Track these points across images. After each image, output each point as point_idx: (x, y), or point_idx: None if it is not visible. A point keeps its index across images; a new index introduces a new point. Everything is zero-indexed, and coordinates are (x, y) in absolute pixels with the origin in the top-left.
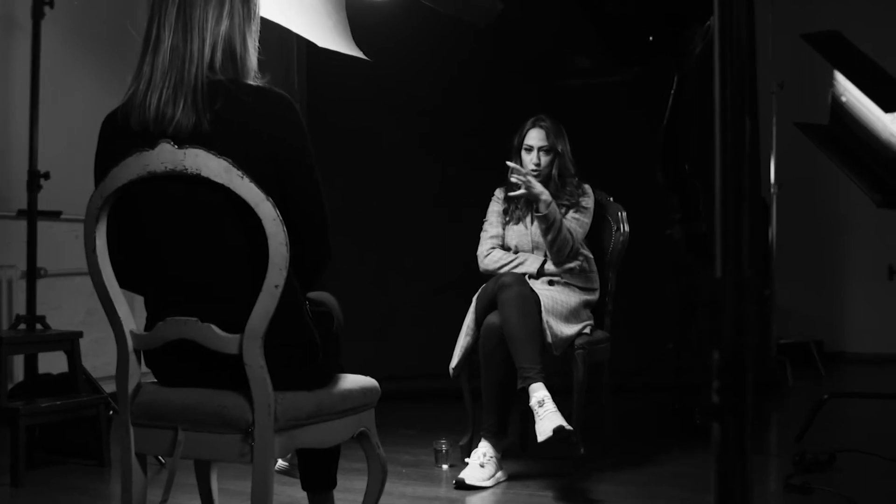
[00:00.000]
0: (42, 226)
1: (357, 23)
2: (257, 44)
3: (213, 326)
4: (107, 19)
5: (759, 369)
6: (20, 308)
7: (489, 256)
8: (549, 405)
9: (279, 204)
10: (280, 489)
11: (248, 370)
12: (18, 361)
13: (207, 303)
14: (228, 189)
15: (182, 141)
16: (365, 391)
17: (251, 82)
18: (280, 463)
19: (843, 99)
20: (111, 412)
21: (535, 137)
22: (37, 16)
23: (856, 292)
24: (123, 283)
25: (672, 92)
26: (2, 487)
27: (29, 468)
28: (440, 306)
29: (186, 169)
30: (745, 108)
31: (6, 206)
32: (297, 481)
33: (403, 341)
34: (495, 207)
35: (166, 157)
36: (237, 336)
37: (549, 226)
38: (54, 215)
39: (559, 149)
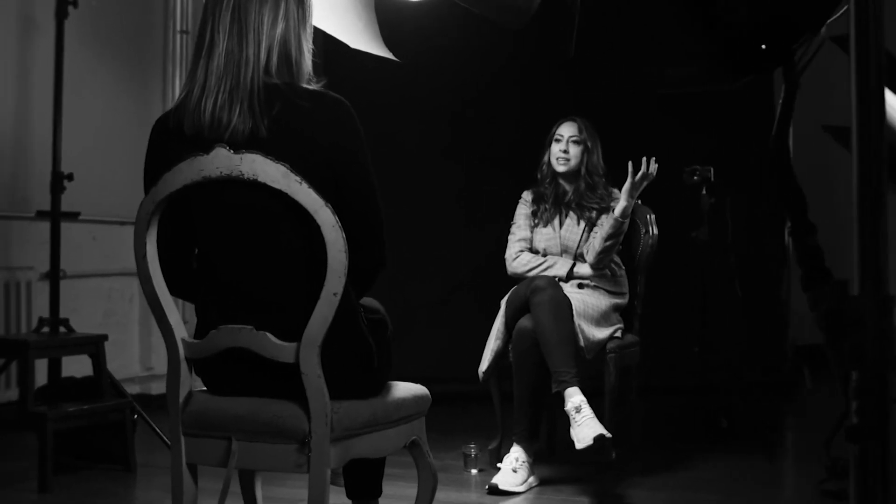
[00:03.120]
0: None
1: (386, 24)
2: (311, 46)
3: (269, 335)
4: (124, 21)
5: (774, 372)
6: (39, 310)
7: (517, 259)
8: (587, 411)
9: (336, 210)
10: None
11: (304, 379)
12: (41, 364)
13: (261, 310)
14: (285, 195)
15: (238, 146)
16: (417, 400)
17: (307, 86)
18: None
19: None
20: (135, 416)
21: (566, 129)
22: (60, 15)
23: None
24: (173, 290)
25: (781, 102)
26: (29, 493)
27: (55, 473)
28: (462, 310)
29: (243, 174)
30: (883, 116)
31: (25, 208)
32: (341, 489)
33: (424, 344)
34: (523, 210)
35: (221, 162)
36: (294, 344)
37: (617, 231)
38: (73, 216)
39: (589, 144)
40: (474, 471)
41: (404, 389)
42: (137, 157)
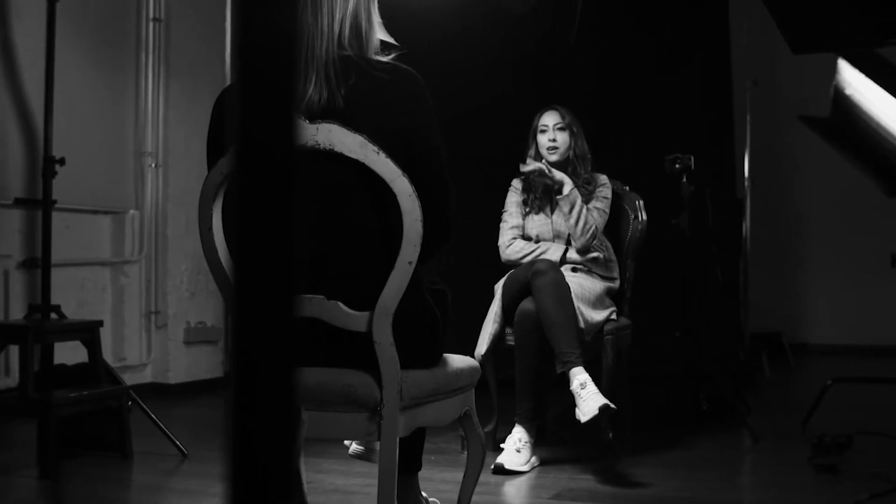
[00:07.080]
0: (34, 215)
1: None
2: (380, 19)
3: (341, 304)
4: (97, 7)
5: (734, 361)
6: (16, 298)
7: (511, 247)
8: (591, 387)
9: None
10: (355, 472)
11: (377, 348)
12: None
13: (330, 280)
14: (359, 165)
15: (313, 116)
16: (471, 371)
17: (379, 57)
18: (354, 446)
19: (848, 92)
20: (130, 403)
21: (548, 118)
22: None
23: (813, 284)
24: None
25: None
26: (30, 480)
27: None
28: (453, 297)
29: (318, 144)
30: None
31: (2, 195)
32: (374, 465)
33: None
34: (514, 198)
35: None
36: (366, 313)
37: (572, 207)
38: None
39: (574, 128)
40: None
41: (459, 360)
42: (110, 146)
